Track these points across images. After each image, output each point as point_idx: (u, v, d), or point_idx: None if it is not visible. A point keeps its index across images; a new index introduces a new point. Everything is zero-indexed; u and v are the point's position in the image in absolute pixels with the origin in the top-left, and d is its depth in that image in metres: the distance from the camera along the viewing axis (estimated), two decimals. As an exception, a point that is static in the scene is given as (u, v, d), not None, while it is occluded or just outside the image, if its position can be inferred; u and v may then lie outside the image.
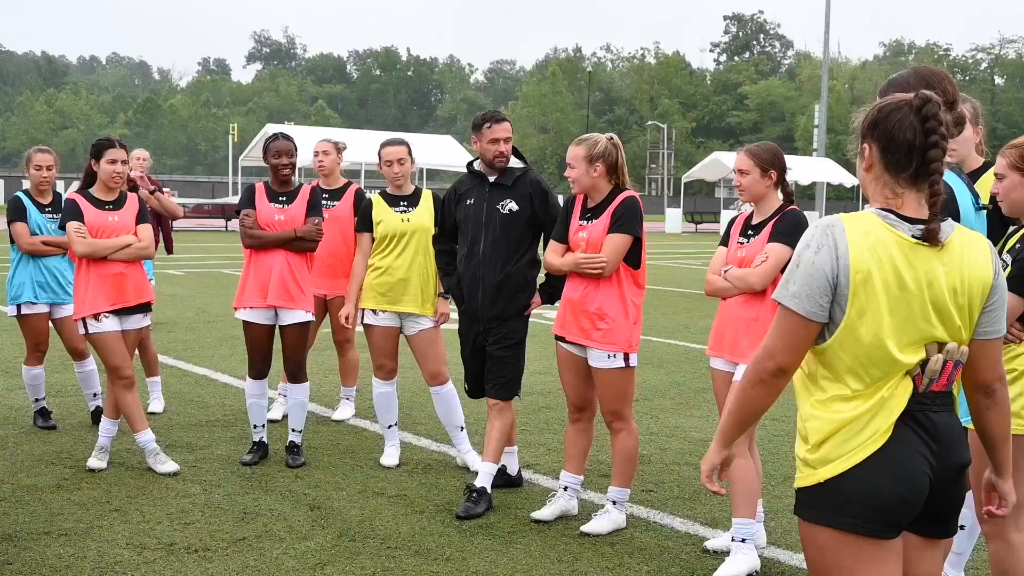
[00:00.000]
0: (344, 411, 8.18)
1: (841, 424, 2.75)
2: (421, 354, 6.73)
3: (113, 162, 6.51)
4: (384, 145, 6.84)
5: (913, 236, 2.75)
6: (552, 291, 6.00)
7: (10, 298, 7.43)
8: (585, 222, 5.55)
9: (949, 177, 3.48)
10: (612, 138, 5.56)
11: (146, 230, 6.65)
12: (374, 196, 6.83)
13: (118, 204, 6.63)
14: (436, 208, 6.66)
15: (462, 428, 6.84)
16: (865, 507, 2.72)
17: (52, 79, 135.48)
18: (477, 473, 6.05)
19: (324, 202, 7.40)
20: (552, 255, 5.67)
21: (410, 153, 6.80)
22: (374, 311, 6.69)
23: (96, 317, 6.45)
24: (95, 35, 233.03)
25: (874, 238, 2.72)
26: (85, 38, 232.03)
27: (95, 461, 6.59)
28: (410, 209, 6.70)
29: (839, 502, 2.74)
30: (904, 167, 2.78)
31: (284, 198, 6.82)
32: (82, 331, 6.53)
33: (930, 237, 2.75)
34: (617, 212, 5.44)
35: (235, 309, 6.86)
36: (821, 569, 2.81)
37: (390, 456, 6.87)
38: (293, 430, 6.92)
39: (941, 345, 2.79)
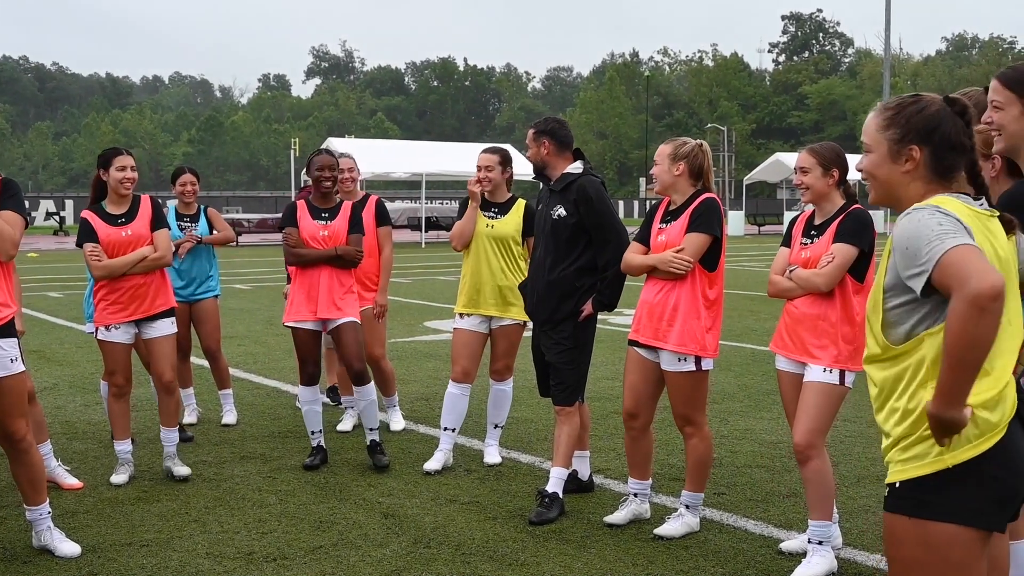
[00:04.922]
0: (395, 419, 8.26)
1: (977, 405, 2.66)
2: (492, 348, 7.00)
3: (122, 169, 6.53)
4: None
5: (984, 209, 2.82)
6: (604, 300, 6.01)
7: (88, 315, 7.58)
8: (664, 225, 5.57)
9: None
10: (702, 144, 5.62)
11: (162, 236, 6.64)
12: None
13: (130, 215, 6.63)
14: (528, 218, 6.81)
15: (497, 426, 7.15)
16: (992, 500, 2.68)
17: (117, 100, 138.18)
18: (549, 478, 6.08)
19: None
20: (631, 254, 5.67)
21: (504, 163, 6.87)
22: (461, 315, 6.93)
23: (107, 327, 6.61)
24: (157, 55, 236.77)
25: (967, 214, 2.74)
26: (148, 58, 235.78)
27: (179, 469, 6.75)
28: (498, 216, 6.85)
29: (965, 494, 2.67)
30: (958, 167, 2.86)
31: (326, 214, 6.97)
32: (97, 336, 6.71)
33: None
34: (696, 212, 5.45)
35: (284, 323, 7.09)
36: (924, 569, 2.72)
37: (435, 460, 6.94)
38: (370, 430, 7.05)
39: None
